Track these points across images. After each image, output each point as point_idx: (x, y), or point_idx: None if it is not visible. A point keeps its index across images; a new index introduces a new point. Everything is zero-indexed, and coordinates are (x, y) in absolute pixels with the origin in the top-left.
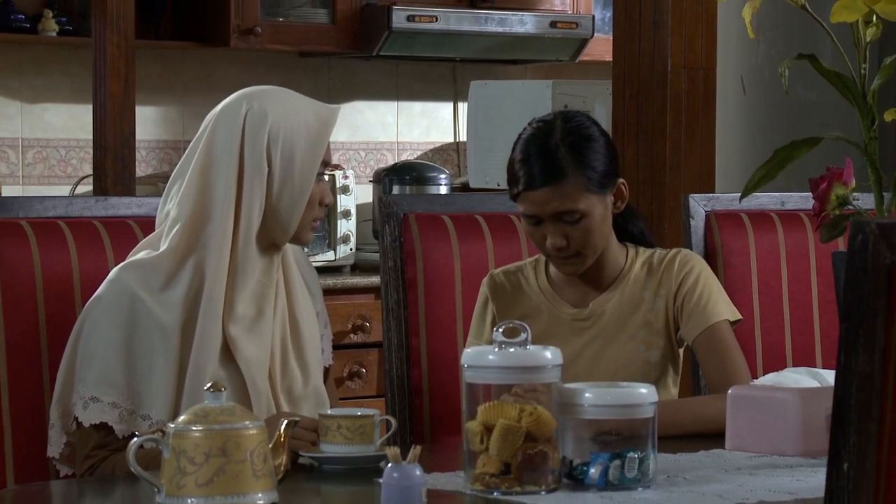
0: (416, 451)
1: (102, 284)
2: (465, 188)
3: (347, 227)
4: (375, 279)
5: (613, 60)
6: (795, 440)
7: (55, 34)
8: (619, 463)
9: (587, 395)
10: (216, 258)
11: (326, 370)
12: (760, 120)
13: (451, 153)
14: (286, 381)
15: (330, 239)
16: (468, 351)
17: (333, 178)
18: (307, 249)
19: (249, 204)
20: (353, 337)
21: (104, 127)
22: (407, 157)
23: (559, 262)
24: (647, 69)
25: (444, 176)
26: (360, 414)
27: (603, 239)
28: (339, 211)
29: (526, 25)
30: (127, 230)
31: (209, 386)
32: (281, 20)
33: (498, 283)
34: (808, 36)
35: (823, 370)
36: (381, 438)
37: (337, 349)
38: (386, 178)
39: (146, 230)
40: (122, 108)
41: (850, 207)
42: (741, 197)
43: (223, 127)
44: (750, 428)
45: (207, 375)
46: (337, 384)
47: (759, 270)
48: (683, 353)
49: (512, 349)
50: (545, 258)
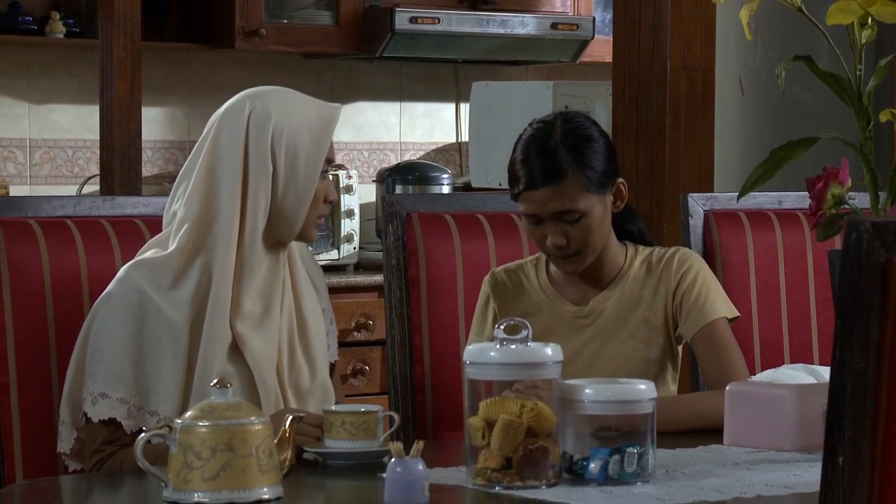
0: (418, 446)
1: (112, 282)
2: (467, 188)
3: (351, 226)
4: (379, 278)
5: (613, 62)
6: (792, 436)
7: (62, 36)
8: (618, 458)
9: (587, 391)
10: (223, 257)
11: (332, 366)
12: (758, 120)
13: (453, 153)
14: (293, 376)
15: (334, 238)
16: (470, 348)
17: (337, 177)
18: (311, 248)
19: (255, 203)
20: (356, 335)
21: (111, 127)
22: (410, 157)
23: (559, 260)
24: (646, 70)
25: (446, 176)
26: (363, 410)
27: (602, 238)
28: (342, 210)
29: (527, 27)
30: (134, 229)
31: (215, 382)
32: (285, 22)
33: (499, 280)
34: (805, 38)
35: (820, 367)
36: (384, 434)
37: (341, 347)
38: (389, 177)
39: (153, 229)
40: (128, 108)
41: (846, 206)
42: (739, 196)
43: (227, 127)
44: (748, 424)
45: (215, 372)
46: (341, 381)
47: (756, 269)
48: (682, 350)
49: (513, 346)
50: (546, 257)
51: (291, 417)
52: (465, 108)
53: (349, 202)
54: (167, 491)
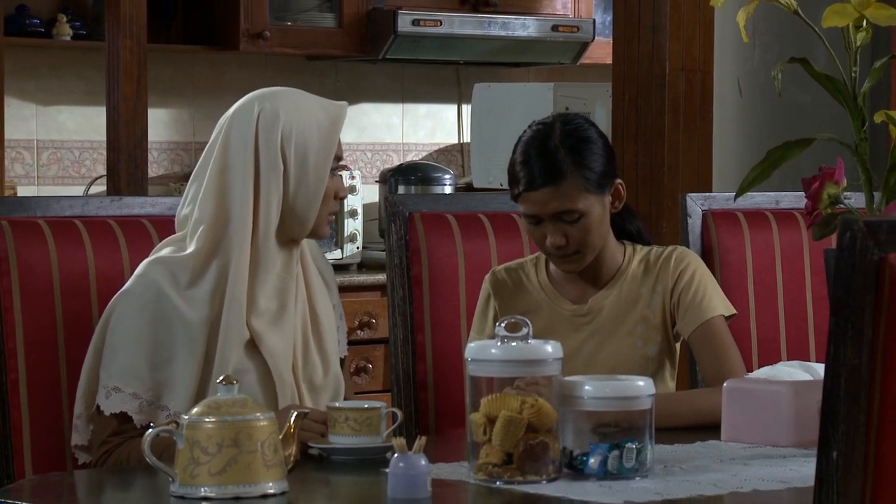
0: (421, 441)
1: (131, 278)
2: (468, 188)
3: (354, 226)
4: (381, 277)
5: (613, 63)
6: (788, 431)
7: (69, 38)
8: (617, 453)
9: (587, 387)
10: (237, 256)
11: (342, 360)
12: (756, 121)
13: (455, 154)
14: (307, 371)
15: (337, 238)
16: (471, 345)
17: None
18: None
19: (267, 202)
20: (359, 333)
21: (117, 128)
22: (412, 157)
23: (558, 260)
24: (646, 72)
25: (448, 176)
26: (366, 406)
27: (601, 238)
28: (346, 210)
29: (528, 29)
30: (141, 229)
31: (221, 379)
32: (289, 24)
33: (500, 279)
34: (802, 40)
35: (816, 364)
36: (387, 430)
37: None
38: (392, 178)
39: (160, 229)
40: (134, 110)
41: (841, 206)
42: (736, 196)
43: (237, 129)
44: (745, 420)
45: (231, 368)
46: None
47: (754, 267)
48: (680, 347)
49: (514, 343)
50: (546, 256)
51: (296, 414)
52: (466, 109)
53: (352, 202)
54: (174, 485)
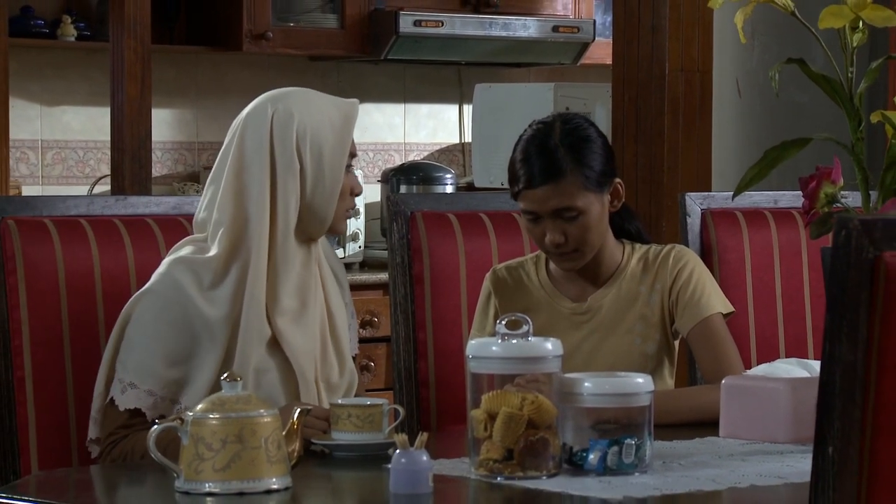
0: (422, 437)
1: (153, 276)
2: (470, 187)
3: (356, 225)
4: (383, 276)
5: (613, 64)
6: (786, 428)
7: (74, 39)
8: (616, 449)
9: (586, 384)
10: (256, 256)
11: (353, 358)
12: (755, 121)
13: (456, 153)
14: (325, 370)
15: (339, 237)
16: (472, 342)
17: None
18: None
19: (286, 202)
20: (362, 332)
21: (121, 129)
22: (414, 157)
23: (557, 258)
24: (645, 72)
25: (449, 176)
26: (369, 403)
27: (600, 236)
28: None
29: (529, 30)
30: (146, 228)
31: (226, 376)
32: (292, 25)
33: (500, 277)
34: (801, 41)
35: (813, 361)
36: (389, 426)
37: None
38: (393, 177)
39: (164, 228)
40: (138, 110)
41: (838, 205)
42: (734, 195)
43: (251, 131)
44: (743, 416)
45: (252, 367)
46: None
47: (753, 266)
48: (679, 345)
49: (514, 341)
50: (545, 254)
51: (299, 410)
52: (468, 109)
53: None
54: (179, 481)
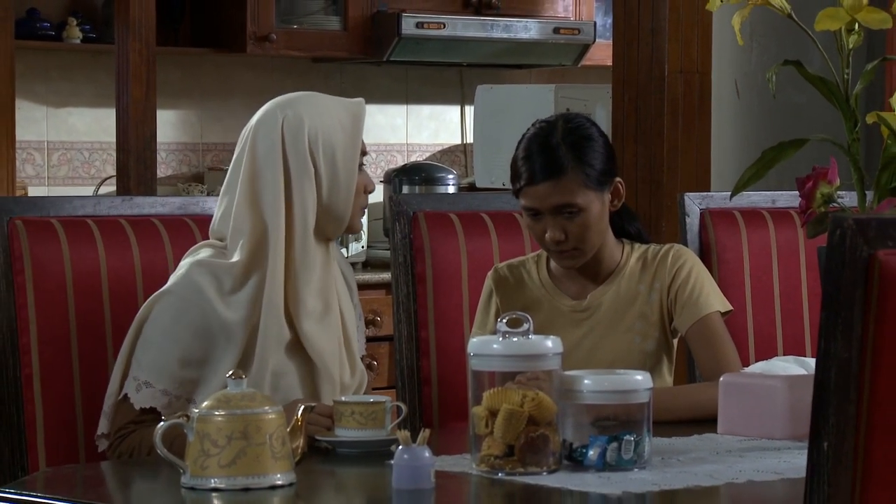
0: (424, 434)
1: (172, 277)
2: (471, 188)
3: None
4: (386, 275)
5: (613, 65)
6: (783, 424)
7: (79, 41)
8: (616, 445)
9: (586, 381)
10: (273, 261)
11: (361, 359)
12: (753, 122)
13: (458, 154)
14: (341, 370)
15: (342, 237)
16: (474, 340)
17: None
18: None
19: (303, 206)
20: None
21: (126, 130)
22: (416, 158)
23: (557, 255)
24: (645, 74)
25: (451, 176)
26: (372, 401)
27: (600, 235)
28: None
29: (530, 31)
30: (151, 228)
31: (231, 373)
32: (295, 27)
33: (502, 276)
34: (799, 42)
35: (810, 359)
36: (392, 423)
37: None
38: (396, 178)
39: (169, 228)
40: (143, 111)
41: (834, 205)
42: (731, 195)
43: (263, 138)
44: (741, 413)
45: (270, 369)
46: None
47: (751, 265)
48: (677, 343)
49: (515, 338)
50: (546, 253)
51: (303, 407)
52: (469, 110)
53: None
54: (185, 477)
